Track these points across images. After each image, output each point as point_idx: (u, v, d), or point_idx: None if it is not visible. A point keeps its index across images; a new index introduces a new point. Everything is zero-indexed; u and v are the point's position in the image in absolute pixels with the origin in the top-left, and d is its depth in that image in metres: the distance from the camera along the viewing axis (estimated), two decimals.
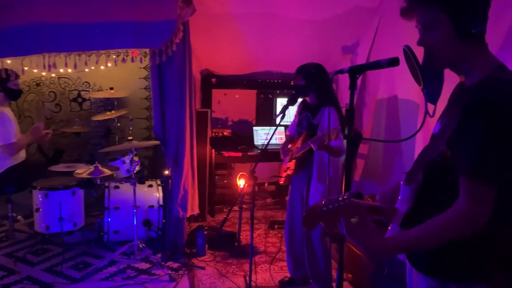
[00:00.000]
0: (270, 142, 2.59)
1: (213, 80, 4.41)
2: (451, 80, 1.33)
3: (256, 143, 4.53)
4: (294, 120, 3.03)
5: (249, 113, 4.88)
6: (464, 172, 1.11)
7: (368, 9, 3.77)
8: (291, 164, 2.88)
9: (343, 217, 1.22)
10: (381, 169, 3.95)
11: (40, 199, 3.40)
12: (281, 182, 3.03)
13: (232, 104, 4.86)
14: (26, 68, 3.31)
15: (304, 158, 2.76)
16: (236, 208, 4.36)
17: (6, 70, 3.31)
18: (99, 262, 3.24)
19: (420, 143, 2.92)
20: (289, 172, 2.91)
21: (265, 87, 4.71)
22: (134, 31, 2.97)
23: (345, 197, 1.25)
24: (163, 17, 2.99)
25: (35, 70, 4.01)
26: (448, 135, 1.17)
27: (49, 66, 2.92)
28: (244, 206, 4.00)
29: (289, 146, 3.00)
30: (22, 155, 3.75)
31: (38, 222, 3.46)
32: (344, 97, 4.33)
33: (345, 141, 2.14)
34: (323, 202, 1.26)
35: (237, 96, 4.81)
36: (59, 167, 3.80)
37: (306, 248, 2.82)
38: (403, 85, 3.48)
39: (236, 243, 3.69)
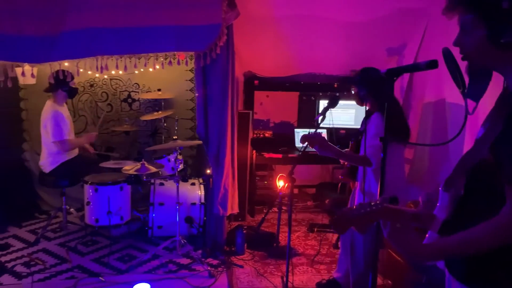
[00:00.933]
0: None
1: (256, 82, 4.47)
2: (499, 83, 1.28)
3: (297, 145, 4.53)
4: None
5: (290, 115, 4.89)
6: (510, 181, 1.08)
7: (414, 10, 3.67)
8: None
9: (381, 221, 1.22)
10: (426, 174, 3.82)
11: (91, 193, 3.62)
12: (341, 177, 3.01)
13: (274, 105, 4.89)
14: (81, 70, 3.55)
15: (354, 166, 2.73)
16: (275, 209, 4.39)
17: (63, 71, 3.55)
18: (143, 256, 3.40)
19: (468, 148, 2.81)
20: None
21: (307, 89, 4.70)
22: (180, 35, 3.07)
23: (378, 202, 1.24)
24: (208, 21, 3.08)
25: (89, 72, 4.28)
26: (491, 141, 1.14)
27: (102, 68, 3.09)
28: (283, 207, 4.01)
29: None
30: (75, 151, 4.01)
31: (88, 215, 3.68)
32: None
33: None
34: (354, 207, 1.26)
35: (279, 98, 4.84)
36: (109, 164, 4.01)
37: (350, 251, 2.78)
38: (452, 88, 3.34)
39: (275, 244, 3.72)
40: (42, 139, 3.83)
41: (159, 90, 4.57)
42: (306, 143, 2.52)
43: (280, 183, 3.81)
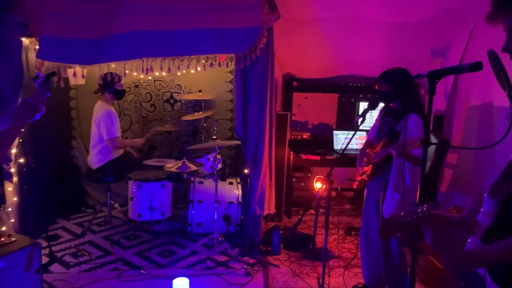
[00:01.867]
0: (349, 147, 2.60)
1: (295, 83, 4.49)
2: None
3: (335, 147, 4.51)
4: (374, 125, 2.98)
5: (329, 117, 4.87)
6: None
7: (459, 10, 3.55)
8: (368, 169, 2.83)
9: (425, 227, 1.21)
10: (471, 180, 3.69)
11: (134, 189, 3.78)
12: (355, 186, 2.99)
13: (313, 107, 4.89)
14: (127, 71, 3.71)
15: (382, 164, 2.70)
16: (312, 211, 4.39)
17: (111, 73, 3.74)
18: (182, 251, 3.50)
19: None
20: (364, 177, 2.86)
21: (347, 91, 4.66)
22: (221, 38, 3.15)
23: (424, 208, 1.23)
24: (249, 24, 3.14)
25: (134, 73, 4.46)
26: None
27: (147, 69, 3.23)
28: (320, 209, 4.00)
29: (367, 150, 2.95)
30: (121, 149, 4.19)
31: (132, 210, 3.84)
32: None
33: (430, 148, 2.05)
34: (401, 214, 1.26)
35: (317, 99, 4.83)
36: (152, 161, 4.17)
37: (382, 257, 2.75)
38: (500, 91, 3.22)
39: (311, 246, 3.72)
40: (91, 137, 4.03)
41: (199, 91, 4.69)
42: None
43: (318, 185, 3.81)
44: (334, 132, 4.56)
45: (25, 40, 3.26)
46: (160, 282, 3.03)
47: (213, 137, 4.52)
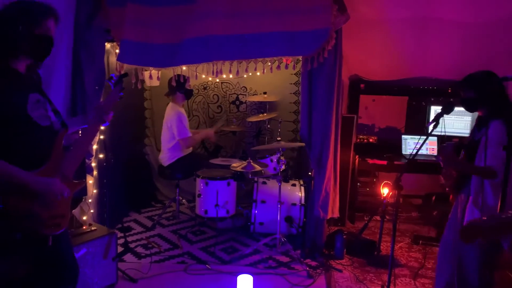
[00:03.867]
0: (419, 152, 2.50)
1: (362, 85, 4.40)
2: None
3: (404, 152, 4.34)
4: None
5: (398, 121, 4.70)
6: None
7: None
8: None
9: (505, 234, 1.16)
10: None
11: (202, 187, 3.93)
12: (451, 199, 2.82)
13: (380, 110, 4.75)
14: (198, 74, 3.87)
15: (464, 176, 2.53)
16: (377, 217, 4.27)
17: (183, 76, 3.93)
18: (245, 249, 3.58)
19: None
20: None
21: (418, 93, 4.48)
22: (289, 40, 3.18)
23: (509, 214, 1.18)
24: (317, 26, 3.13)
25: (203, 76, 4.64)
26: None
27: (216, 72, 3.34)
28: (386, 216, 3.88)
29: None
30: (190, 148, 4.39)
31: (199, 206, 4.00)
32: None
33: None
34: (484, 218, 1.21)
35: (385, 102, 4.68)
36: (217, 161, 4.32)
37: (456, 272, 2.59)
38: None
39: (376, 252, 3.62)
40: (162, 136, 4.27)
41: (264, 93, 4.76)
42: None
43: (385, 191, 3.70)
44: (403, 136, 4.40)
45: (107, 45, 3.53)
46: (224, 278, 3.13)
47: (277, 138, 4.56)
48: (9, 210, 1.67)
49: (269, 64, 3.35)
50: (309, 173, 3.75)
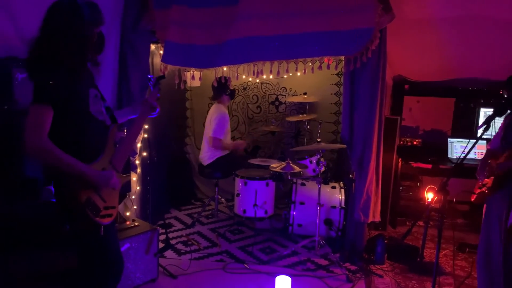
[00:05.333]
0: (467, 156, 2.39)
1: (406, 86, 4.26)
2: None
3: (450, 156, 4.17)
4: (497, 133, 2.69)
5: (444, 123, 4.52)
6: None
7: None
8: (489, 181, 2.56)
9: None
10: None
11: (240, 186, 3.96)
12: (473, 199, 2.73)
13: (425, 112, 4.59)
14: (238, 74, 3.90)
15: (505, 176, 2.41)
16: (420, 223, 4.13)
17: (225, 77, 3.96)
18: (283, 250, 3.57)
19: None
20: (484, 189, 2.60)
21: (466, 95, 4.28)
22: (331, 40, 3.13)
23: None
24: (361, 25, 3.07)
25: (243, 76, 4.67)
26: None
27: (257, 73, 3.36)
28: (430, 222, 3.74)
29: (489, 161, 2.67)
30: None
31: (237, 205, 4.03)
32: None
33: None
34: None
35: (431, 104, 4.52)
36: (256, 161, 4.33)
37: (504, 281, 2.47)
38: None
39: (418, 259, 3.50)
40: (204, 135, 4.34)
41: (305, 93, 4.72)
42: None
43: (429, 196, 3.56)
44: (449, 139, 4.22)
45: (151, 46, 3.63)
46: (262, 278, 3.13)
47: (317, 139, 4.51)
48: (66, 199, 1.76)
49: (310, 64, 3.32)
50: (350, 176, 3.67)
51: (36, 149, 1.66)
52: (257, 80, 5.16)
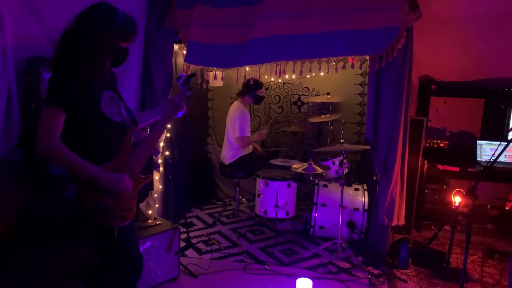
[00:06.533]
0: (498, 159, 2.30)
1: (433, 86, 4.15)
2: None
3: (479, 158, 4.03)
4: None
5: (472, 125, 4.37)
6: None
7: None
8: None
9: None
10: None
11: (262, 187, 3.93)
12: (508, 208, 2.61)
13: (452, 113, 4.45)
14: (261, 74, 3.88)
15: None
16: (447, 227, 4.00)
17: (254, 79, 3.94)
18: (304, 252, 3.53)
19: None
20: None
21: (496, 96, 4.13)
22: (356, 39, 3.07)
23: None
24: (387, 24, 3.00)
25: (266, 76, 4.65)
26: None
27: (280, 72, 3.33)
28: (458, 226, 3.62)
29: None
30: (250, 147, 4.42)
31: (258, 206, 4.01)
32: None
33: None
34: None
35: (459, 105, 4.38)
36: (277, 161, 4.30)
37: None
38: None
39: (444, 264, 3.39)
40: (226, 135, 4.35)
41: (328, 94, 4.66)
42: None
43: (457, 199, 3.45)
44: (478, 142, 4.08)
45: (174, 46, 3.65)
46: (282, 279, 3.10)
47: (341, 140, 4.45)
48: (81, 201, 1.78)
49: (334, 63, 3.27)
50: (374, 178, 3.60)
51: (47, 150, 1.69)
52: (280, 80, 5.13)
